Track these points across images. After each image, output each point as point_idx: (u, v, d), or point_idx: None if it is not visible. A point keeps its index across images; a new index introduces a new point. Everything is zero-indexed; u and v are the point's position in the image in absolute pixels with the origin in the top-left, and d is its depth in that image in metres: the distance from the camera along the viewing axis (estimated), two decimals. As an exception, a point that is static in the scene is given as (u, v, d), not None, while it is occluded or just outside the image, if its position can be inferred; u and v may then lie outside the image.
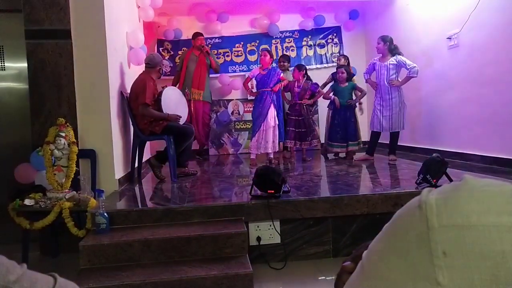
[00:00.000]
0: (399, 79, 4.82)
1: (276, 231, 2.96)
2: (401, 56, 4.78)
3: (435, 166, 3.20)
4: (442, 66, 5.01)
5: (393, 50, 4.82)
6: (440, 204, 0.36)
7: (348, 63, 5.70)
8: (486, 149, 4.27)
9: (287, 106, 5.55)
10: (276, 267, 2.88)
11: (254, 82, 5.15)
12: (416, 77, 4.72)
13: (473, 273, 0.33)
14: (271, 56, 5.01)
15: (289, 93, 5.29)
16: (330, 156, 5.56)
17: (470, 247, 0.34)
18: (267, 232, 2.96)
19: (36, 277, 0.54)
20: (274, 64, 5.24)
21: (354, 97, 5.33)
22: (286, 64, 5.71)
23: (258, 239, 2.94)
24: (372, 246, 0.44)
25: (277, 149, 5.07)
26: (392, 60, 4.79)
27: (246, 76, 5.35)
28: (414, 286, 0.36)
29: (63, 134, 3.11)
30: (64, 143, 3.10)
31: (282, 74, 5.53)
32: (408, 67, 4.68)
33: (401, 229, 0.39)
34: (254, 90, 5.13)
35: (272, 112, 4.93)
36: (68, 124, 3.20)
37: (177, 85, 5.56)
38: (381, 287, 0.39)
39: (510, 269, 0.32)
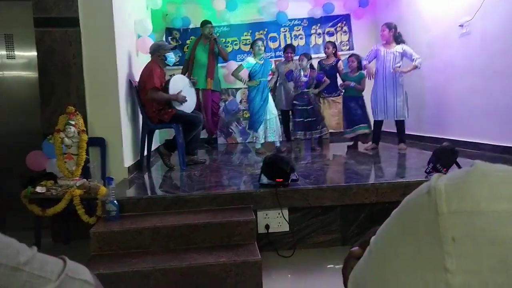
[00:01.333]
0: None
1: (285, 219, 2.97)
2: (406, 46, 4.75)
3: (446, 155, 3.16)
4: (453, 55, 4.93)
5: (398, 38, 4.78)
6: (450, 189, 0.36)
7: (336, 51, 5.67)
8: (497, 139, 4.22)
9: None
10: (284, 255, 2.90)
11: (245, 72, 5.12)
12: (419, 68, 4.70)
13: (482, 259, 0.33)
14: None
15: (291, 82, 5.22)
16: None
17: (479, 233, 0.33)
18: (275, 220, 2.97)
19: (46, 259, 0.55)
20: (266, 54, 5.29)
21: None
22: (292, 54, 5.68)
23: (267, 227, 2.96)
24: (380, 232, 0.43)
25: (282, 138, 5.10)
26: (398, 48, 4.75)
27: (239, 65, 5.27)
28: (422, 273, 0.35)
29: (73, 123, 3.13)
30: (74, 131, 3.12)
31: (287, 64, 5.53)
32: (414, 58, 4.67)
33: (410, 215, 0.39)
34: (247, 80, 5.09)
35: (272, 101, 5.04)
36: (77, 112, 3.22)
37: (186, 74, 5.54)
38: (389, 273, 0.39)
39: None
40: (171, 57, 4.26)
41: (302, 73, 5.03)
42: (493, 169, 0.36)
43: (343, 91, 5.37)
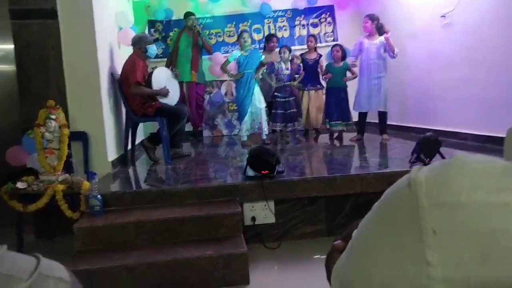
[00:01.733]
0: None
1: (271, 211, 2.97)
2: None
3: (429, 145, 3.21)
4: (435, 45, 4.97)
5: (380, 29, 4.79)
6: (430, 182, 0.35)
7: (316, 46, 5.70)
8: (480, 128, 4.28)
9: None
10: (271, 246, 2.90)
11: (233, 65, 5.08)
12: (395, 56, 4.73)
13: (463, 251, 0.33)
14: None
15: (272, 75, 5.16)
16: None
17: (460, 225, 0.33)
18: (261, 212, 2.97)
19: (16, 258, 0.52)
20: (253, 46, 5.23)
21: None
22: (276, 44, 5.63)
23: (253, 219, 2.95)
24: (361, 225, 0.43)
25: (268, 131, 5.07)
26: (381, 38, 4.77)
27: (226, 59, 5.23)
28: (403, 266, 0.35)
29: (54, 117, 3.06)
30: (55, 126, 3.06)
31: (270, 54, 5.46)
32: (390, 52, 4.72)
33: (390, 208, 0.39)
34: (234, 72, 5.04)
35: (259, 93, 4.94)
36: (58, 106, 3.15)
37: (170, 67, 5.46)
38: (370, 268, 0.39)
39: (500, 247, 0.32)
40: (153, 49, 4.19)
41: (283, 66, 4.98)
42: (473, 160, 0.36)
43: (325, 83, 5.37)
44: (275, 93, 5.08)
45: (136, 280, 2.37)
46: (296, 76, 5.17)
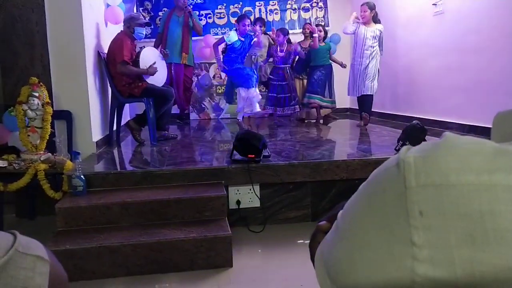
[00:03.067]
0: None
1: (256, 195, 2.97)
2: (382, 27, 4.81)
3: (415, 133, 3.23)
4: (426, 34, 4.97)
5: (375, 17, 4.82)
6: (419, 162, 0.34)
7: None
8: (465, 117, 4.33)
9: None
10: (255, 230, 2.91)
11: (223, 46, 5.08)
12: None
13: (450, 233, 0.32)
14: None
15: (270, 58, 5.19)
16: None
17: (447, 207, 0.32)
18: (246, 196, 2.97)
19: None
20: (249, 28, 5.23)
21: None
22: (264, 28, 5.61)
23: (238, 202, 2.96)
24: (347, 206, 0.42)
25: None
26: (378, 26, 4.79)
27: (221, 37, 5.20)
28: (388, 247, 0.35)
29: (37, 94, 2.99)
30: (38, 104, 2.99)
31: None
32: (381, 48, 4.79)
33: (377, 188, 0.38)
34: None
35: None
36: (41, 83, 3.07)
37: (159, 48, 5.36)
38: (355, 248, 0.38)
39: (487, 229, 0.31)
40: (140, 32, 4.09)
41: (278, 49, 5.01)
42: (463, 141, 0.35)
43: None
44: (270, 76, 5.13)
45: (119, 261, 2.36)
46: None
